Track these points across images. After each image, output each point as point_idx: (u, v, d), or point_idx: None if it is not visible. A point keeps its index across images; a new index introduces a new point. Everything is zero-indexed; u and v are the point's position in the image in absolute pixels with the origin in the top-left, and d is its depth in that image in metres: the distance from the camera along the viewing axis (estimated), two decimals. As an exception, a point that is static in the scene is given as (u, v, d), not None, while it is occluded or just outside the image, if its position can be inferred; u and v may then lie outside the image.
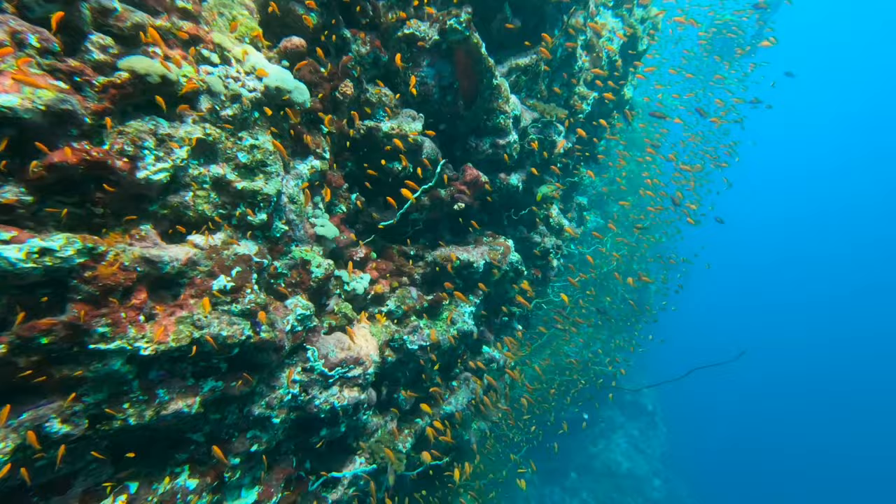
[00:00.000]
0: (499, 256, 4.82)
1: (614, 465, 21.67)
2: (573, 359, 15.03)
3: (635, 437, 23.47)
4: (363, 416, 4.01)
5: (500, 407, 6.87)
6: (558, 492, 19.19)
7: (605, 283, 17.01)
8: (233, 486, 3.23)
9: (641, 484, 21.77)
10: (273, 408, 3.18)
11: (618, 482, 21.18)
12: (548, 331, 11.69)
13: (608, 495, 20.42)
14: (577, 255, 15.06)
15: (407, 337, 4.27)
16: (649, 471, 22.53)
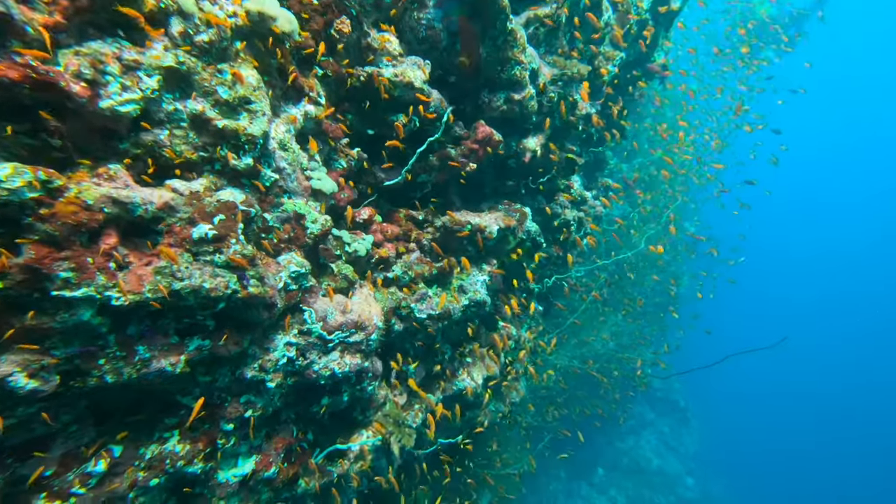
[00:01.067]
0: (514, 223, 4.47)
1: (644, 462, 20.96)
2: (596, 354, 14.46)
3: (666, 434, 22.65)
4: (368, 387, 3.76)
5: (519, 390, 6.53)
6: (585, 487, 18.67)
7: (634, 271, 16.30)
8: (228, 454, 3.03)
9: (673, 482, 21.00)
10: (267, 371, 2.96)
11: (648, 479, 20.47)
12: (573, 311, 11.22)
13: (638, 493, 19.77)
14: (601, 244, 14.44)
15: (415, 305, 3.99)
16: (681, 469, 21.71)
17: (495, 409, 6.26)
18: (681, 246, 18.75)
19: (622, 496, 19.51)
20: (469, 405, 5.84)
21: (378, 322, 3.51)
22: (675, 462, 21.79)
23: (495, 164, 4.96)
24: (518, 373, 6.56)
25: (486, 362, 5.27)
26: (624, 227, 14.56)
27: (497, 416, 6.25)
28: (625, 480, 19.85)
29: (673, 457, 22.02)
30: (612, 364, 14.86)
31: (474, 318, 4.84)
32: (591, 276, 11.83)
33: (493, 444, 8.33)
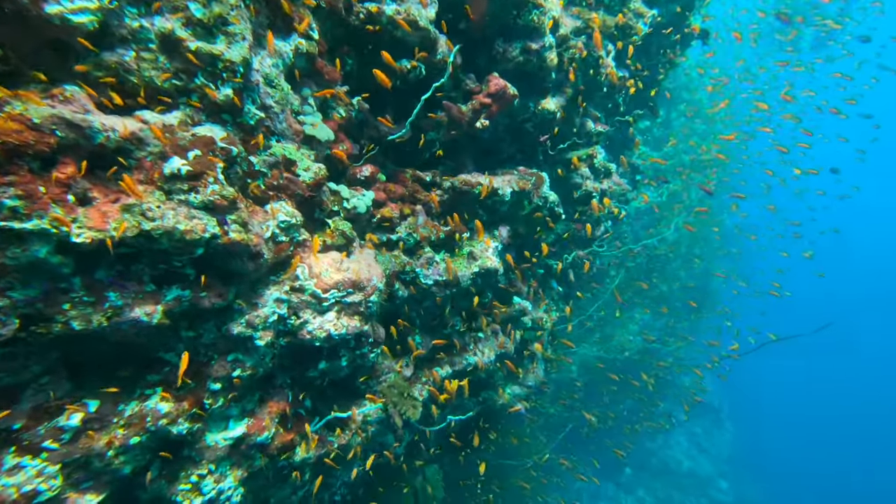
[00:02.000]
0: (529, 186, 4.08)
1: (674, 463, 20.06)
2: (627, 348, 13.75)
3: (698, 436, 21.62)
4: (370, 355, 3.48)
5: (537, 373, 6.12)
6: (612, 487, 17.98)
7: (664, 265, 15.48)
8: (217, 416, 2.81)
9: (705, 485, 19.98)
10: (255, 328, 2.71)
11: (678, 481, 19.56)
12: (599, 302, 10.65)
13: (667, 494, 18.91)
14: (628, 234, 13.67)
15: (420, 269, 3.67)
16: (714, 472, 20.64)
17: (512, 393, 5.88)
18: (714, 239, 17.67)
19: (651, 497, 18.72)
20: (482, 384, 5.48)
21: (378, 284, 3.21)
22: (707, 464, 20.77)
23: (511, 128, 4.58)
24: (535, 354, 6.16)
25: (500, 339, 4.90)
26: (658, 211, 13.77)
27: (514, 399, 5.86)
28: (653, 481, 19.04)
29: (705, 459, 21.00)
30: (641, 361, 14.14)
31: (486, 289, 4.48)
32: (618, 267, 11.22)
33: (513, 438, 7.94)
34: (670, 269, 16.18)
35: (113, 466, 2.46)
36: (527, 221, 4.45)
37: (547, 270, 5.79)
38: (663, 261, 15.65)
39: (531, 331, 5.79)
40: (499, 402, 5.74)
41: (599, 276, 12.51)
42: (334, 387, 3.66)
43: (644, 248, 14.05)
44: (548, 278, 5.98)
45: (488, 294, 4.75)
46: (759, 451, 24.15)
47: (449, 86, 3.74)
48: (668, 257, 15.75)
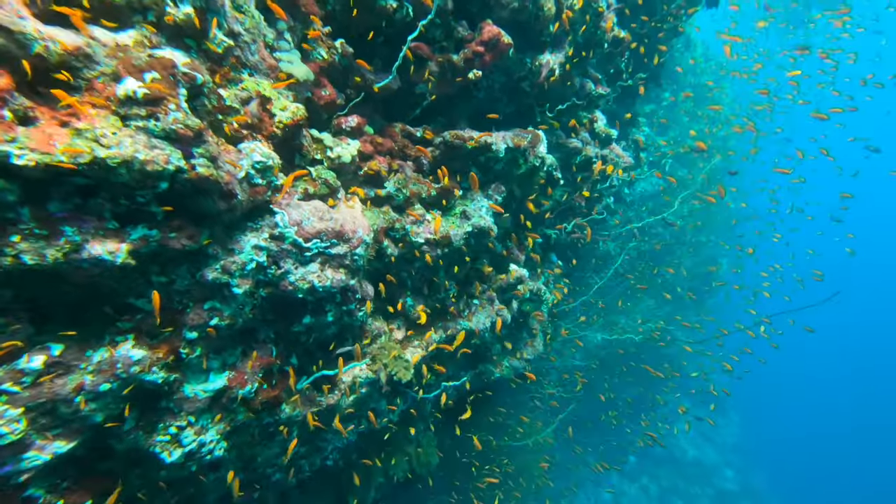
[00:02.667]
0: (525, 144, 3.85)
1: (679, 451, 19.84)
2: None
3: (703, 424, 21.31)
4: (358, 313, 3.30)
5: (535, 346, 5.92)
6: (616, 475, 17.80)
7: (669, 252, 15.13)
8: (195, 367, 2.66)
9: (710, 474, 19.74)
10: (232, 274, 2.54)
11: (683, 470, 19.36)
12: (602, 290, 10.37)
13: (672, 483, 18.71)
14: (634, 219, 13.33)
15: (410, 227, 3.48)
16: (720, 461, 20.40)
17: (509, 366, 5.69)
18: (720, 220, 17.22)
19: (654, 485, 18.54)
20: (478, 355, 5.30)
21: (365, 237, 3.02)
22: (712, 453, 20.53)
23: (508, 87, 4.35)
24: (534, 327, 5.96)
25: (496, 307, 4.70)
26: (664, 192, 13.41)
27: (511, 372, 5.68)
28: (657, 469, 18.86)
29: (711, 448, 20.75)
30: (643, 348, 13.85)
31: (481, 254, 4.28)
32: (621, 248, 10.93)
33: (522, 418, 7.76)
34: (675, 255, 15.83)
35: (83, 413, 2.32)
36: (523, 182, 4.23)
37: (546, 241, 5.57)
38: (668, 247, 15.30)
39: (529, 302, 5.59)
40: (495, 374, 5.57)
41: (603, 262, 12.24)
42: (323, 349, 3.49)
43: (647, 227, 13.72)
44: (547, 251, 5.77)
45: (483, 260, 4.55)
46: (765, 441, 23.80)
47: (440, 34, 3.52)
48: (672, 244, 15.41)
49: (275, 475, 3.66)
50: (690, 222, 15.37)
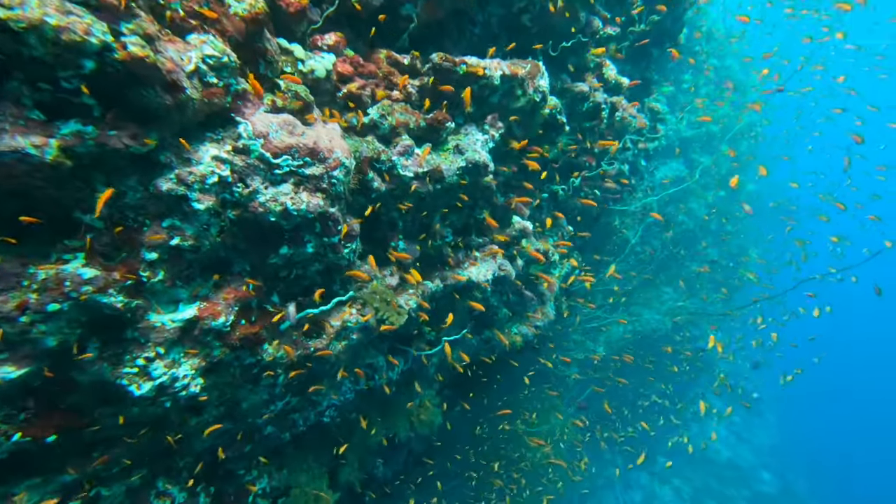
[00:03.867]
0: (523, 73, 3.55)
1: (711, 452, 18.62)
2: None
3: (736, 425, 20.11)
4: (343, 249, 3.05)
5: (546, 313, 5.52)
6: (645, 476, 16.84)
7: (691, 242, 14.35)
8: (161, 294, 2.46)
9: (746, 476, 18.46)
10: (190, 186, 2.33)
11: (717, 472, 18.18)
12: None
13: (705, 484, 17.57)
14: (653, 205, 12.63)
15: (397, 158, 3.22)
16: (756, 463, 19.09)
17: (518, 333, 5.32)
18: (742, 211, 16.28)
19: (687, 487, 17.43)
20: (484, 320, 4.96)
21: (343, 159, 2.78)
22: (748, 454, 19.25)
23: (506, 21, 4.08)
24: (543, 292, 5.57)
25: (499, 261, 4.37)
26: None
27: (519, 340, 5.30)
28: (689, 471, 17.74)
29: (746, 449, 19.47)
30: (668, 342, 13.07)
31: (480, 200, 3.97)
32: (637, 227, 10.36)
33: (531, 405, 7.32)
34: (700, 246, 15.01)
35: (31, 336, 2.12)
36: (523, 120, 3.91)
37: (552, 198, 5.21)
38: (691, 237, 14.52)
39: (537, 263, 5.22)
40: (504, 342, 5.20)
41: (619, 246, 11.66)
42: (309, 293, 3.25)
43: (669, 216, 13.02)
44: (551, 203, 5.38)
45: (484, 209, 4.24)
46: (804, 443, 22.16)
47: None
48: (697, 233, 14.61)
49: (266, 427, 3.43)
50: (716, 211, 14.54)
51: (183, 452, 2.92)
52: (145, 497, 2.79)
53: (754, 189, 15.86)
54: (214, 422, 3.01)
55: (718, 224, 15.37)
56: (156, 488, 2.84)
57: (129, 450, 2.68)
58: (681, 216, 13.81)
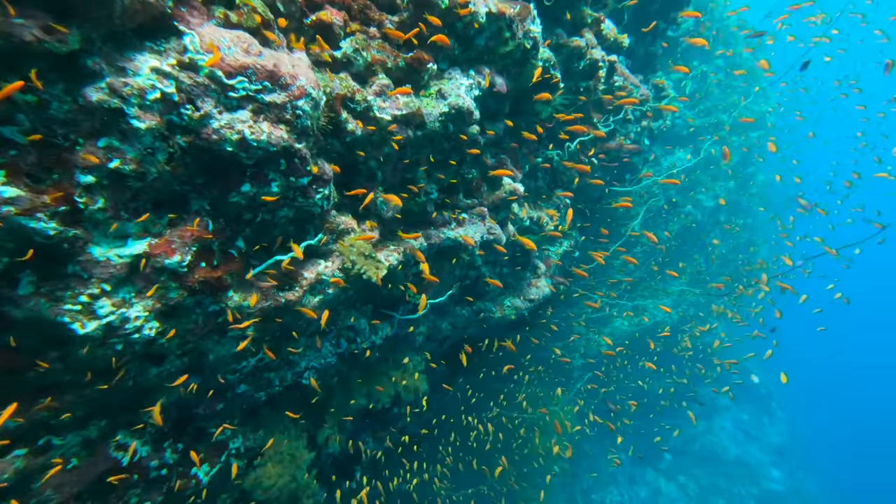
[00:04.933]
0: (512, 13, 3.27)
1: (720, 450, 18.07)
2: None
3: (745, 422, 19.44)
4: (315, 195, 2.81)
5: (540, 286, 5.23)
6: (651, 472, 16.36)
7: (698, 235, 13.85)
8: (103, 225, 2.23)
9: (755, 474, 17.83)
10: (126, 100, 2.09)
11: (724, 469, 17.59)
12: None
13: (712, 482, 17.00)
14: (659, 194, 12.13)
15: (373, 99, 2.96)
16: (765, 460, 18.42)
17: (511, 306, 5.03)
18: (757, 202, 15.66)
19: (693, 484, 16.89)
20: (477, 290, 4.68)
21: (310, 88, 2.54)
22: (756, 452, 18.59)
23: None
24: (538, 266, 5.27)
25: (487, 224, 4.09)
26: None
27: (513, 313, 5.02)
28: (695, 468, 17.22)
29: (754, 446, 18.81)
30: (676, 337, 12.63)
31: (467, 156, 3.70)
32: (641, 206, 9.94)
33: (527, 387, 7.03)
34: (708, 239, 14.49)
35: None
36: (512, 69, 3.63)
37: (549, 164, 4.91)
38: (701, 227, 14.01)
39: (530, 233, 4.93)
40: (496, 315, 4.93)
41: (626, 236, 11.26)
42: (282, 246, 3.02)
43: (677, 205, 12.55)
44: (549, 178, 5.09)
45: (472, 171, 3.97)
46: (816, 442, 21.40)
47: None
48: (705, 225, 14.10)
49: (239, 385, 3.21)
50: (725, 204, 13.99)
51: (146, 405, 2.71)
52: (104, 449, 2.58)
53: (764, 179, 15.25)
54: (178, 373, 2.80)
55: (727, 216, 14.82)
56: (116, 441, 2.64)
57: (83, 398, 2.48)
58: (688, 207, 13.32)
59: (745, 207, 14.66)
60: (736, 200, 13.73)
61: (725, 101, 12.56)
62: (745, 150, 13.87)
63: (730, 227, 13.78)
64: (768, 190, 16.18)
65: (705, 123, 13.33)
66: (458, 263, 4.12)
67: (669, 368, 13.11)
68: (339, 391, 3.71)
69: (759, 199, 14.85)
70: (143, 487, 2.63)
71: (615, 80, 5.00)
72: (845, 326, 29.13)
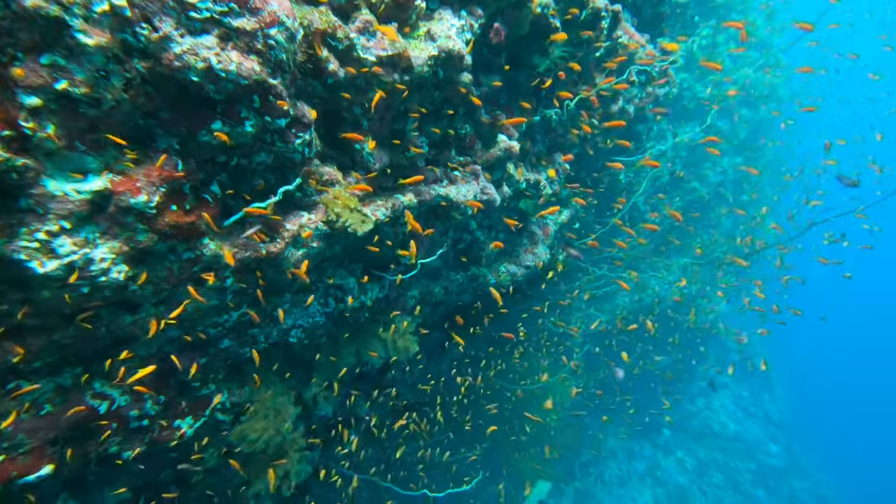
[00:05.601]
0: (505, -53, 2.99)
1: (718, 426, 18.06)
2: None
3: (745, 399, 19.38)
4: (295, 140, 2.63)
5: (536, 253, 5.04)
6: (649, 447, 16.42)
7: (705, 210, 13.47)
8: (58, 157, 2.06)
9: (753, 450, 17.85)
10: (67, 8, 1.84)
11: (722, 444, 17.60)
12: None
13: (710, 456, 17.05)
14: (664, 171, 11.68)
15: (356, 37, 2.74)
16: (764, 436, 18.43)
17: (507, 271, 4.86)
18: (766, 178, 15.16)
19: (691, 459, 16.96)
20: (471, 255, 4.52)
21: (283, 15, 2.32)
22: (755, 428, 18.57)
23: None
24: (535, 232, 5.08)
25: (482, 183, 3.89)
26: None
27: (508, 280, 4.85)
28: (694, 443, 17.25)
29: (754, 423, 18.80)
30: (676, 314, 12.44)
31: (459, 108, 3.47)
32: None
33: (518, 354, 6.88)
34: (714, 215, 14.12)
35: None
36: (507, 12, 3.36)
37: (545, 124, 4.66)
38: (707, 204, 13.62)
39: (526, 197, 4.73)
40: (491, 280, 4.76)
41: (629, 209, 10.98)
42: (260, 196, 2.85)
43: (683, 182, 12.17)
44: (547, 139, 4.84)
45: (466, 126, 3.75)
46: (815, 419, 21.36)
47: None
48: (712, 201, 13.71)
49: (223, 340, 3.09)
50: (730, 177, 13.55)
51: (121, 355, 2.61)
52: (79, 397, 2.50)
53: (773, 154, 14.74)
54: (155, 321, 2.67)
55: (734, 193, 14.39)
56: (92, 389, 2.55)
57: (53, 344, 2.37)
58: (693, 182, 12.92)
59: (752, 182, 14.20)
60: (743, 176, 13.29)
61: (736, 73, 12.00)
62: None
63: (743, 212, 13.31)
64: (779, 165, 15.67)
65: (714, 97, 12.76)
66: (451, 224, 3.94)
67: (672, 344, 12.95)
68: (327, 351, 3.60)
69: (767, 174, 14.36)
70: (123, 436, 2.55)
71: (619, 35, 4.69)
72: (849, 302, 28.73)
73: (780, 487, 15.98)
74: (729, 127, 12.98)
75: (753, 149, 13.19)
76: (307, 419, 3.67)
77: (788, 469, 17.80)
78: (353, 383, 4.49)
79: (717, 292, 12.69)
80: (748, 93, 12.59)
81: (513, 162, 4.17)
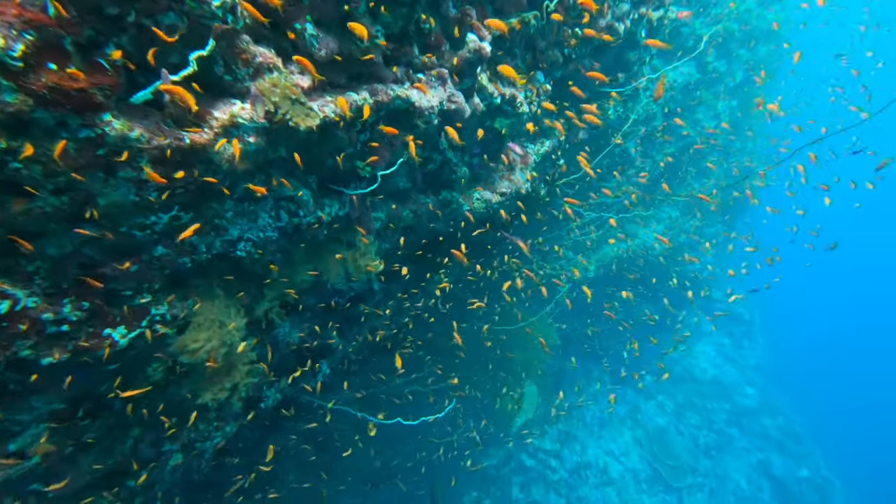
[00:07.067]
0: None
1: (698, 371, 18.45)
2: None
3: (725, 346, 19.68)
4: (212, 0, 2.14)
5: (514, 179, 4.64)
6: (631, 393, 16.77)
7: (698, 158, 12.84)
8: None
9: (729, 391, 18.32)
10: None
11: (700, 388, 18.03)
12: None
13: (688, 400, 17.50)
14: (657, 112, 10.93)
15: None
16: (740, 379, 18.84)
17: (480, 198, 4.48)
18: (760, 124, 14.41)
19: (671, 402, 17.40)
20: (440, 179, 4.11)
21: None
22: (733, 372, 18.96)
23: None
24: (512, 158, 4.65)
25: (449, 90, 3.42)
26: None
27: (483, 207, 4.48)
28: (674, 388, 17.64)
29: (732, 367, 19.16)
30: (666, 263, 12.12)
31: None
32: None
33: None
34: (704, 162, 13.51)
35: None
36: None
37: (525, 31, 4.10)
38: (697, 152, 12.97)
39: (502, 113, 4.25)
40: (464, 205, 4.39)
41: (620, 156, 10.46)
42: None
43: (672, 128, 11.49)
44: (526, 45, 4.30)
45: (430, 20, 3.23)
46: (792, 365, 21.86)
47: None
48: (703, 150, 13.04)
49: (156, 247, 2.74)
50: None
51: (31, 255, 2.28)
52: (-25, 294, 2.18)
53: (770, 98, 13.92)
54: (56, 214, 2.28)
55: (725, 140, 13.72)
56: (-6, 288, 2.24)
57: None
58: (686, 127, 12.24)
59: (746, 128, 13.53)
60: (738, 121, 12.61)
61: (739, 8, 11.03)
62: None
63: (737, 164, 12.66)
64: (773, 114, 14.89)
65: (712, 34, 11.76)
66: (415, 135, 3.51)
67: (659, 290, 12.81)
68: (282, 268, 3.29)
69: (759, 120, 13.66)
70: (37, 340, 2.27)
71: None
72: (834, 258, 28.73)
73: (752, 426, 16.53)
74: (726, 67, 12.14)
75: (749, 94, 12.39)
76: (266, 341, 3.42)
77: (761, 409, 18.38)
78: (323, 314, 4.23)
79: (705, 243, 12.40)
80: (750, 25, 11.60)
81: (485, 70, 3.68)
